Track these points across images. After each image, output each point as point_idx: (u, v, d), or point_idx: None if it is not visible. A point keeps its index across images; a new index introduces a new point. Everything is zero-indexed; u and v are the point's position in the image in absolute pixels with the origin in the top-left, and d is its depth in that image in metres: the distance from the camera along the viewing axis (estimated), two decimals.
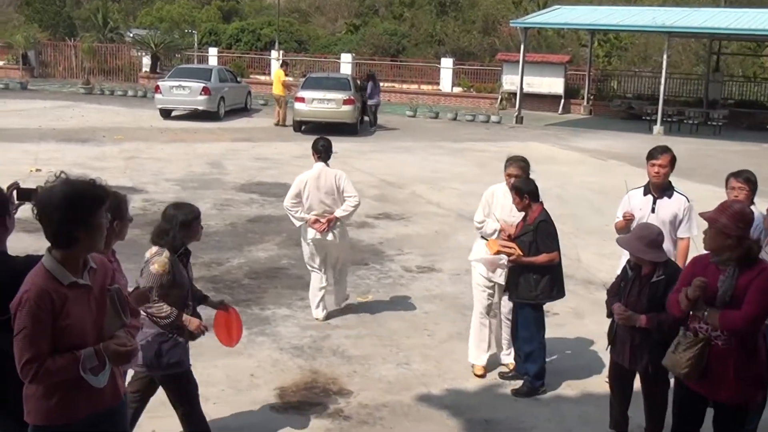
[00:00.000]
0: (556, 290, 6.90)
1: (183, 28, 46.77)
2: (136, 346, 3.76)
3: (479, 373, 7.28)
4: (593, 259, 11.41)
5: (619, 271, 6.06)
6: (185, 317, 5.25)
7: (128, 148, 19.85)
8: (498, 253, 6.90)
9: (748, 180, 6.37)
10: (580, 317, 8.97)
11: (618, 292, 5.73)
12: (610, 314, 5.76)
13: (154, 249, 5.35)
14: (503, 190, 7.28)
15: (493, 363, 7.45)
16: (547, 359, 7.04)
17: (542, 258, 6.74)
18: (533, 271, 6.76)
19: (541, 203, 6.92)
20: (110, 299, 3.74)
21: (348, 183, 8.49)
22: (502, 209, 7.25)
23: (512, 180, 7.07)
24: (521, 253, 6.77)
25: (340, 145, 21.74)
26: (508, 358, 7.42)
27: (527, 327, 6.88)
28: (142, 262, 5.41)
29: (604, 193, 16.16)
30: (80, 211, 3.52)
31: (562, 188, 16.65)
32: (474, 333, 7.36)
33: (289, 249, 11.31)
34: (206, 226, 12.37)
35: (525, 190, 6.84)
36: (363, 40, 45.63)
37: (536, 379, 6.92)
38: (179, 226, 5.32)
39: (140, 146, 20.30)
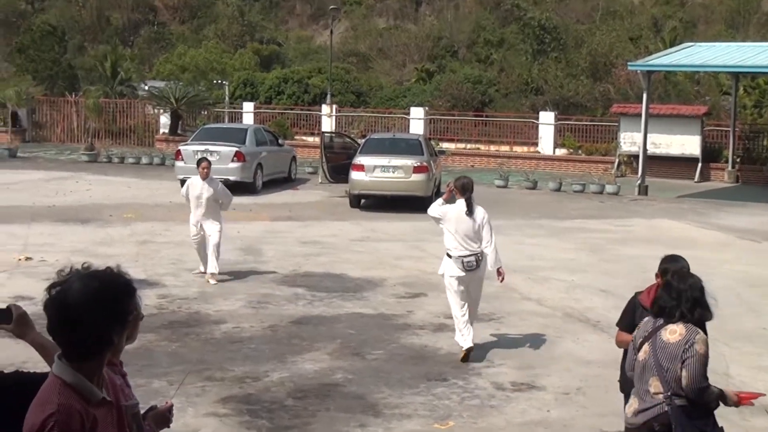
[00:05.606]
0: None
1: (211, 78, 48.04)
2: None
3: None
4: (747, 375, 11.11)
5: None
6: None
7: (141, 230, 20.21)
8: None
9: None
10: None
11: None
12: None
13: None
14: None
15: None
16: None
17: None
18: None
19: None
20: (134, 419, 3.79)
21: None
22: None
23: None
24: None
25: (410, 224, 21.90)
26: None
27: None
28: None
29: (760, 285, 15.79)
30: (116, 308, 3.62)
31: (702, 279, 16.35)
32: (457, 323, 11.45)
33: (345, 359, 11.27)
34: (239, 329, 12.49)
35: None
36: (438, 90, 46.22)
37: None
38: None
39: (156, 228, 20.67)
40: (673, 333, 6.02)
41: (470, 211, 11.44)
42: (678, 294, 6.10)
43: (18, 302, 4.60)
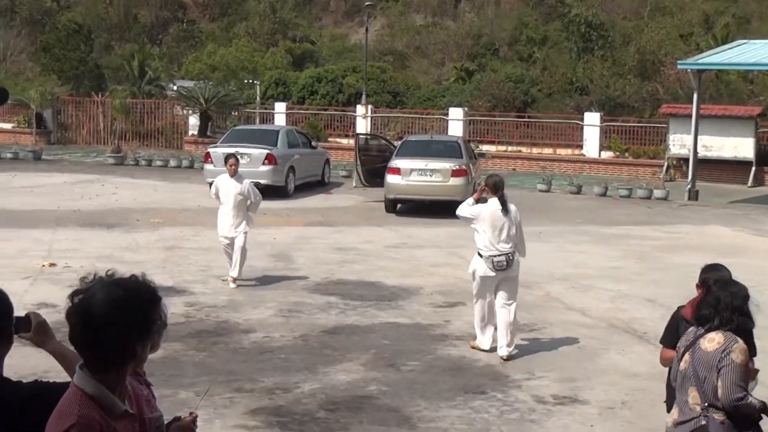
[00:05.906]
0: None
1: (242, 77, 48.24)
2: None
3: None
4: None
5: None
6: None
7: (169, 236, 20.33)
8: None
9: None
10: None
11: None
12: None
13: None
14: None
15: None
16: None
17: None
18: None
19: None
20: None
21: None
22: None
23: None
24: None
25: (447, 230, 21.87)
26: (502, 350, 11.69)
27: None
28: None
29: None
30: (140, 317, 3.64)
31: (755, 290, 16.20)
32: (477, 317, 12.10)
33: (379, 371, 11.27)
34: (269, 339, 12.53)
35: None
36: (478, 89, 46.15)
37: None
38: None
39: (184, 233, 20.78)
40: (711, 341, 6.01)
41: (506, 210, 11.80)
42: (716, 300, 6.09)
43: (41, 310, 4.67)
